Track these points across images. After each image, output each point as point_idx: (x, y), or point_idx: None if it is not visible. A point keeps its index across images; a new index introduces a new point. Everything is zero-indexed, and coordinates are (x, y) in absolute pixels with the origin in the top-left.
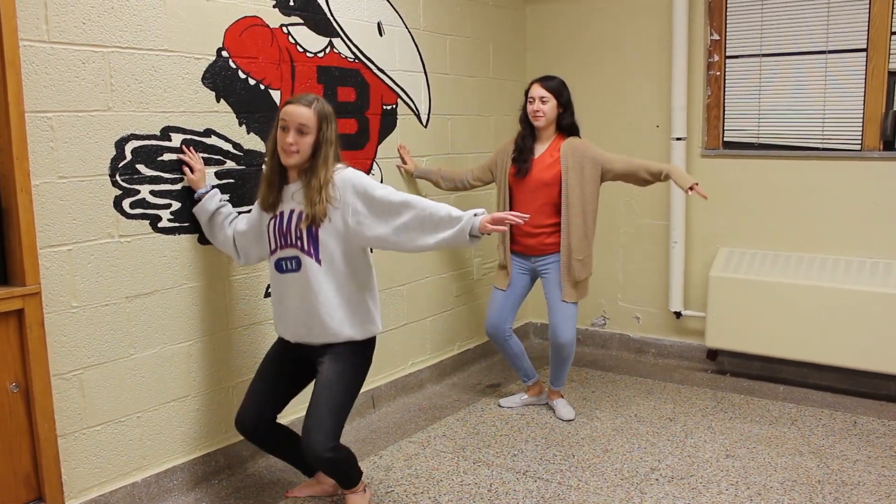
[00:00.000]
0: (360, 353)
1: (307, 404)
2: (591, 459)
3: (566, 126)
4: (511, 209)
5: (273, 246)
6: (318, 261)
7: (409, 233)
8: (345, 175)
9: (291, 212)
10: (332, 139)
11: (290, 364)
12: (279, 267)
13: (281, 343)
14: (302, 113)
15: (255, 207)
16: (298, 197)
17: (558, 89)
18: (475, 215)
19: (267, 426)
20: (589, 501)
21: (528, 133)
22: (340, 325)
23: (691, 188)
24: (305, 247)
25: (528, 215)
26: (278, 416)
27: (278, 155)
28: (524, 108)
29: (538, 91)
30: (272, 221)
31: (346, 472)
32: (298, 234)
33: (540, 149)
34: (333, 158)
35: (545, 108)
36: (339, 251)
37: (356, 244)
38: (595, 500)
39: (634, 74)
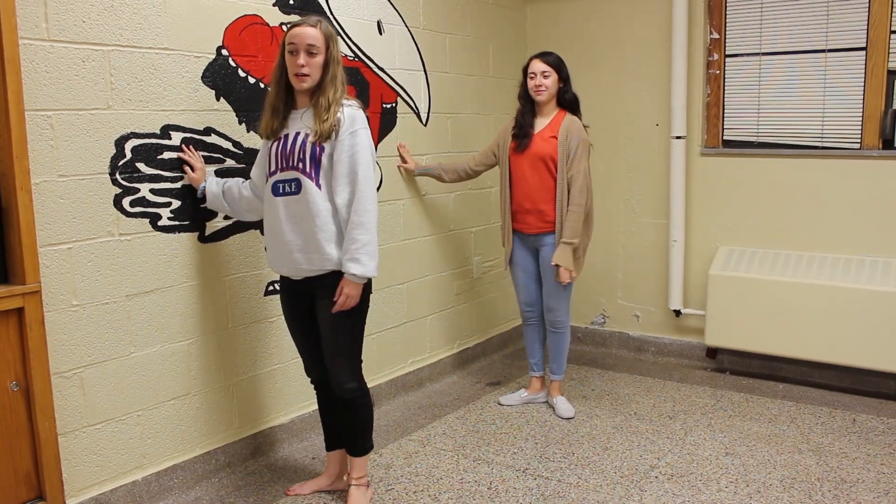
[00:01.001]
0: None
1: (305, 405)
2: (591, 457)
3: (569, 100)
4: (511, 184)
5: (273, 167)
6: (318, 184)
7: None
8: (356, 116)
9: (297, 134)
10: (339, 58)
11: (305, 312)
12: (276, 189)
13: (284, 292)
14: (310, 33)
15: (262, 143)
16: (307, 119)
17: (558, 64)
18: (353, 274)
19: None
20: (589, 499)
21: (527, 109)
22: (337, 251)
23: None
24: (307, 169)
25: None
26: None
27: (285, 81)
28: (523, 85)
29: (539, 66)
30: (275, 144)
31: (364, 421)
32: (301, 156)
33: (541, 123)
34: (342, 79)
35: (547, 82)
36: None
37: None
38: (595, 497)
39: (634, 73)
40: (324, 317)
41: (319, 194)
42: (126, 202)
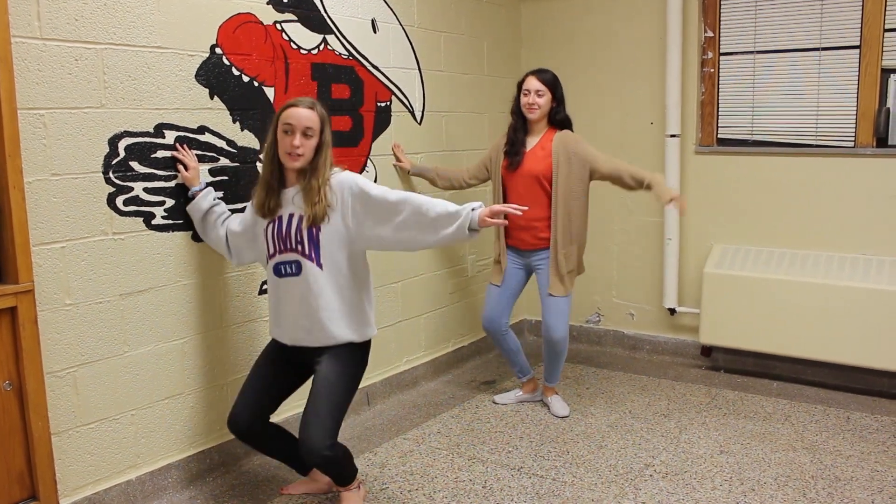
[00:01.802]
0: (357, 355)
1: (299, 403)
2: (586, 456)
3: (559, 120)
4: (504, 202)
5: (272, 250)
6: (320, 265)
7: (409, 231)
8: (341, 178)
9: (291, 216)
10: (331, 142)
11: (285, 365)
12: (278, 271)
13: (276, 345)
14: (308, 116)
15: (249, 210)
16: (298, 200)
17: (553, 83)
18: (473, 209)
19: (260, 426)
20: (583, 497)
21: (519, 126)
22: (340, 329)
23: (671, 201)
24: (306, 251)
25: (526, 207)
26: (271, 416)
27: (277, 159)
28: (517, 100)
29: (534, 84)
30: (270, 226)
31: (342, 470)
32: (299, 239)
33: (531, 141)
34: (331, 161)
35: (540, 101)
36: (341, 254)
37: (358, 246)
38: (589, 496)
39: (629, 71)
40: (323, 372)
41: (321, 274)
42: (119, 201)
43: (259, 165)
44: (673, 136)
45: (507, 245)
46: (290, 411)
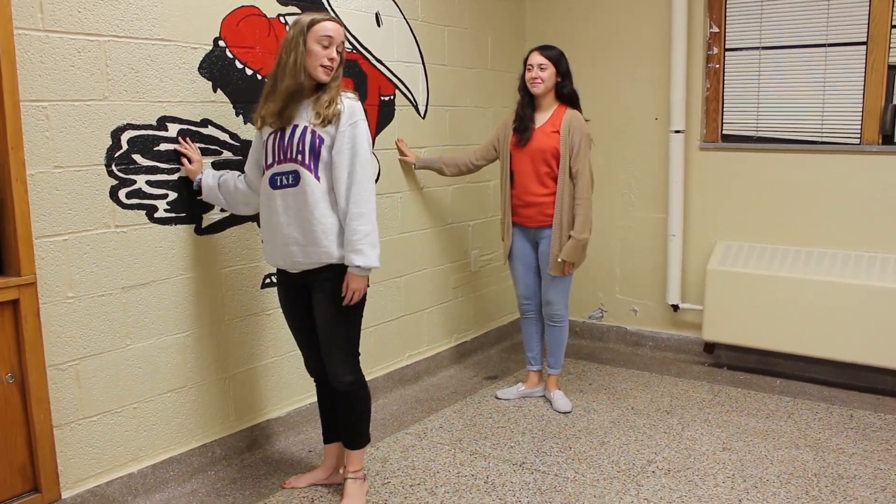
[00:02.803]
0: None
1: (300, 398)
2: (588, 452)
3: (567, 95)
4: (512, 178)
5: (270, 160)
6: (318, 177)
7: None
8: (353, 107)
9: (296, 126)
10: (345, 53)
11: (300, 304)
12: (273, 182)
13: (281, 286)
14: (342, 31)
15: (256, 135)
16: (307, 113)
17: (557, 58)
18: (357, 266)
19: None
20: (585, 493)
21: (527, 102)
22: (333, 244)
23: (560, 261)
24: (306, 160)
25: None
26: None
27: (305, 72)
28: (522, 77)
29: (537, 58)
30: (272, 136)
31: (362, 413)
32: (300, 148)
33: (541, 118)
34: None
35: (543, 75)
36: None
37: None
38: (591, 492)
39: (633, 67)
40: (320, 311)
41: (318, 186)
42: (122, 194)
43: None
44: (677, 131)
45: (513, 223)
46: (291, 405)
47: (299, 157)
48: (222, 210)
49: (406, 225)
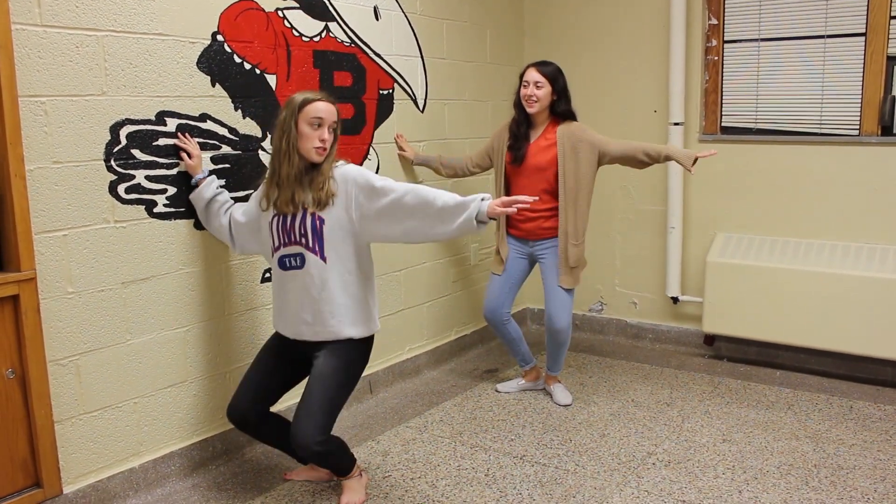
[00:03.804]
0: (358, 350)
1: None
2: (588, 444)
3: (561, 112)
4: (509, 195)
5: (276, 244)
6: (324, 258)
7: (414, 221)
8: (345, 170)
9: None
10: (339, 132)
11: (286, 358)
12: (282, 264)
13: (279, 338)
14: (333, 110)
15: (254, 202)
16: (305, 194)
17: (554, 75)
18: (482, 199)
19: (258, 416)
20: (586, 486)
21: (522, 119)
22: (342, 324)
23: (695, 162)
24: (310, 244)
25: (536, 197)
26: (271, 407)
27: (299, 154)
28: (518, 93)
29: (533, 76)
30: (275, 219)
31: (337, 462)
32: (303, 231)
33: (535, 134)
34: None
35: (539, 93)
36: (346, 248)
37: (363, 239)
38: (592, 484)
39: (632, 59)
40: (319, 368)
41: (325, 267)
42: (121, 189)
43: (262, 154)
44: (676, 124)
45: (508, 234)
46: (292, 400)
47: (303, 240)
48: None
49: None
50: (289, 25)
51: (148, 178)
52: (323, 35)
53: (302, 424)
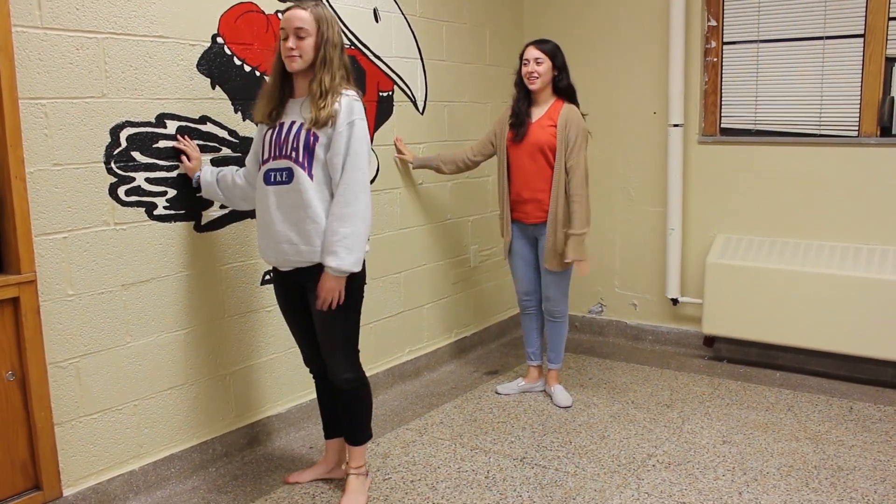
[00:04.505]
0: (348, 280)
1: (301, 395)
2: (589, 446)
3: (563, 89)
4: (509, 174)
5: (266, 156)
6: (311, 175)
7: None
8: (353, 107)
9: (293, 122)
10: (336, 41)
11: (297, 302)
12: (267, 178)
13: (277, 282)
14: (299, 15)
15: (257, 129)
16: (304, 108)
17: (553, 52)
18: (331, 267)
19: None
20: (586, 488)
21: (523, 97)
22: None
23: (571, 262)
24: (300, 158)
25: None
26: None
27: (281, 67)
28: (519, 72)
29: (533, 53)
30: (270, 131)
31: (363, 410)
32: (294, 145)
33: (538, 112)
34: (339, 63)
35: (540, 69)
36: (326, 172)
37: None
38: (592, 486)
39: (632, 61)
40: (316, 311)
41: (311, 185)
42: (121, 191)
43: None
44: (676, 125)
45: (512, 219)
46: (292, 402)
47: (293, 154)
48: (222, 207)
49: (405, 221)
50: None
51: (148, 180)
52: None
53: (330, 366)
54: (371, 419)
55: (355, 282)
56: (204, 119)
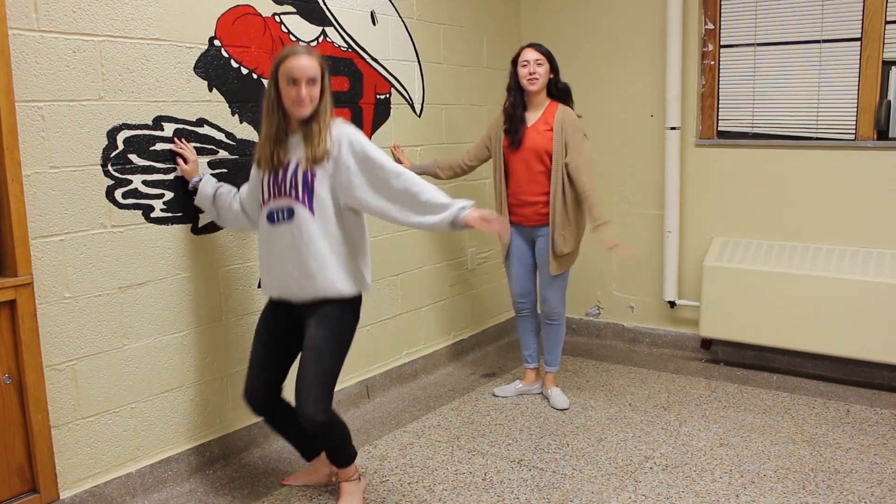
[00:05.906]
0: (347, 313)
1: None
2: (586, 448)
3: (561, 90)
4: (506, 180)
5: (266, 197)
6: (312, 210)
7: (395, 204)
8: (342, 129)
9: (289, 162)
10: (330, 87)
11: (282, 328)
12: (271, 218)
13: (270, 307)
14: (310, 65)
15: (254, 170)
16: (299, 148)
17: (549, 54)
18: (462, 208)
19: (273, 399)
20: (583, 490)
21: (518, 101)
22: (329, 279)
23: (613, 247)
24: (300, 196)
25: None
26: (283, 385)
27: (281, 110)
28: (513, 76)
29: (533, 54)
30: (268, 174)
31: (340, 442)
32: (293, 184)
33: (532, 116)
34: (331, 105)
35: (540, 70)
36: (330, 205)
37: (343, 202)
38: (589, 488)
39: (629, 64)
40: (311, 338)
41: (313, 220)
42: (118, 194)
43: None
44: (673, 128)
45: (511, 223)
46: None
47: (293, 192)
48: None
49: None
50: (286, 30)
51: (145, 182)
52: (320, 40)
53: (303, 399)
54: (350, 439)
55: (352, 317)
56: (201, 121)
